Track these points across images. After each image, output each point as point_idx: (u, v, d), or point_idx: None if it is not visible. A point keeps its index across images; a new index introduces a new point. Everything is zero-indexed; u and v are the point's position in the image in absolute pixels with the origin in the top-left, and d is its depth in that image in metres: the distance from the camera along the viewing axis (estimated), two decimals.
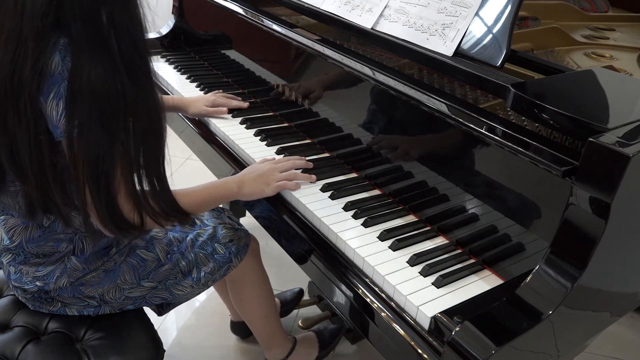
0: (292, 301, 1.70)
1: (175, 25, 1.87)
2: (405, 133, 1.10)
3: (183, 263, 1.13)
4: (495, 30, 1.01)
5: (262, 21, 1.42)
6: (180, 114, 1.50)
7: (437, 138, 1.03)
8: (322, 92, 1.29)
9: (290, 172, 1.15)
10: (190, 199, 1.03)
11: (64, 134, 0.80)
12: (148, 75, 0.86)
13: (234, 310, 1.62)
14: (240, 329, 1.65)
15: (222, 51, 1.68)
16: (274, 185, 1.12)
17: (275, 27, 1.38)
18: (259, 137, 1.34)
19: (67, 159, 0.83)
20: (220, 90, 1.52)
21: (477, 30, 1.03)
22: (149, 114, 0.87)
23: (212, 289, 1.48)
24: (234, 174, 1.22)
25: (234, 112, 1.44)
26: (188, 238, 1.17)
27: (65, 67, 0.78)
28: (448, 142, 1.00)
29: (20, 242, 1.00)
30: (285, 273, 1.87)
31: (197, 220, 1.27)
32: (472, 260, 0.95)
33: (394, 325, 0.86)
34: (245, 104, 1.46)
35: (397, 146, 1.10)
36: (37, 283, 1.01)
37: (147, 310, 1.16)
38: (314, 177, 1.16)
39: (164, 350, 1.09)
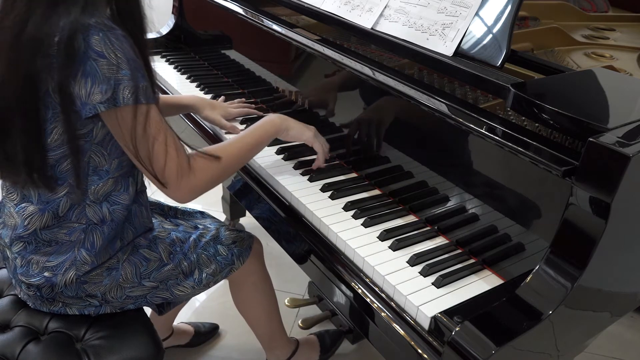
0: (206, 334, 1.68)
1: (175, 25, 1.87)
2: (405, 133, 1.10)
3: (185, 264, 1.13)
4: (495, 30, 1.01)
5: (262, 21, 1.42)
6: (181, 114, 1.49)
7: (437, 138, 1.03)
8: (321, 92, 1.29)
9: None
10: (233, 148, 1.08)
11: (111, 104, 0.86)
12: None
13: (162, 329, 1.54)
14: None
15: (222, 51, 1.68)
16: (311, 133, 1.19)
17: (275, 27, 1.38)
18: None
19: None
20: (243, 99, 1.47)
21: (477, 30, 1.03)
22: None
23: (212, 289, 1.48)
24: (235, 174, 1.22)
25: None
26: (191, 238, 1.16)
27: (89, 45, 0.84)
28: (448, 142, 1.00)
29: (35, 230, 1.00)
30: (285, 273, 1.87)
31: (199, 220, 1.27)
32: (472, 260, 0.95)
33: (394, 325, 0.86)
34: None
35: (397, 146, 1.10)
36: (45, 274, 1.00)
37: (147, 310, 1.17)
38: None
39: (164, 350, 1.09)
